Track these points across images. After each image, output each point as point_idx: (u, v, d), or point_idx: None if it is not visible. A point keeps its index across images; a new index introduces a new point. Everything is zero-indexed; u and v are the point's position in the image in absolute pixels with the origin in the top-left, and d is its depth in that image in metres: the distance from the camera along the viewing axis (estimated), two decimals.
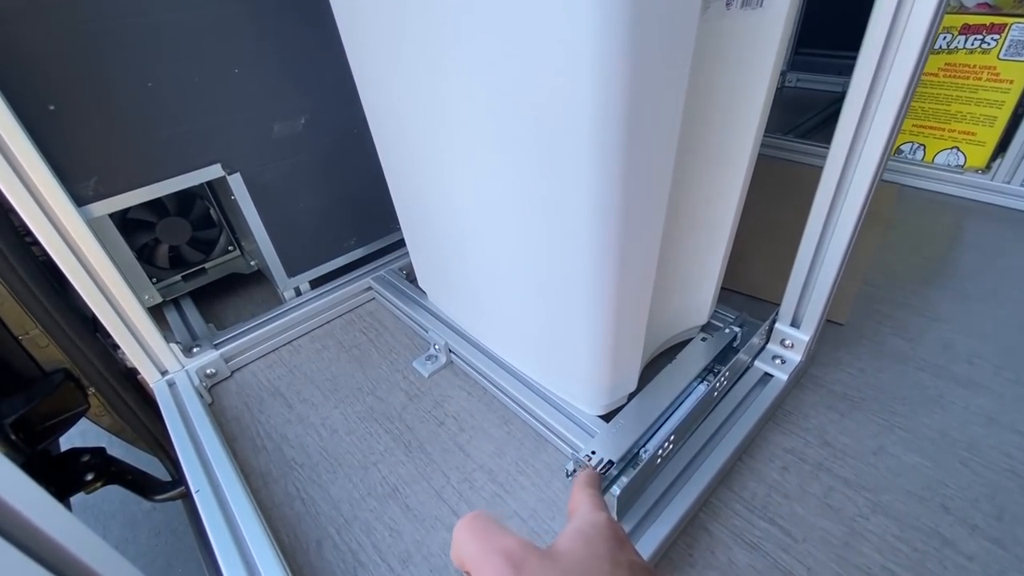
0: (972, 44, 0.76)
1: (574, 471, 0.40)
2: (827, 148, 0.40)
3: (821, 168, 0.42)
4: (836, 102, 1.15)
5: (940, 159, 0.85)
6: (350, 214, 0.68)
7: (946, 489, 0.42)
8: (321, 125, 0.60)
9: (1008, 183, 0.78)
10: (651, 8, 0.25)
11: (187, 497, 0.72)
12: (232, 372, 0.60)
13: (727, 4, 0.31)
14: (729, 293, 0.64)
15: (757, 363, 0.50)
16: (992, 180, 0.79)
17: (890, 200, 0.83)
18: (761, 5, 0.32)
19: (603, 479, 0.38)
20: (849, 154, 0.40)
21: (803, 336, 0.48)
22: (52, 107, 0.44)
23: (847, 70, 0.90)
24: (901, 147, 0.88)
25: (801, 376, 0.52)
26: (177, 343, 0.57)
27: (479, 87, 0.34)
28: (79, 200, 0.48)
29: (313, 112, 0.59)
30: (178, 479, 0.73)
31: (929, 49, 0.34)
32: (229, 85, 0.52)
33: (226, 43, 0.51)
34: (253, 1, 0.51)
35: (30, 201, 0.44)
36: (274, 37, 0.54)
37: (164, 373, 0.57)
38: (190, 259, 0.68)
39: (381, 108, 0.50)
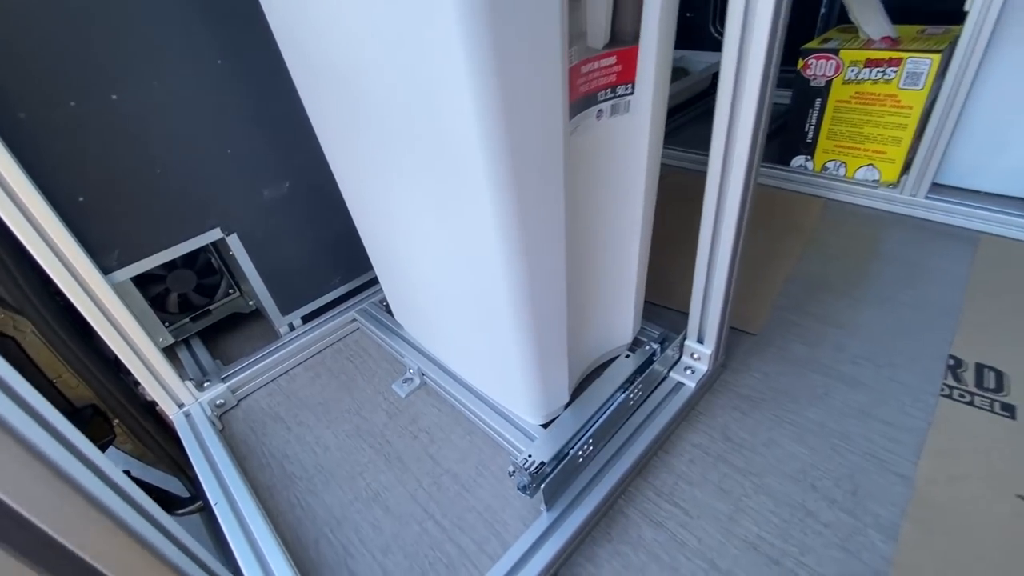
0: (876, 76, 0.86)
1: (513, 472, 0.50)
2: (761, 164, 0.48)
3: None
4: (781, 116, 1.24)
5: (859, 175, 0.95)
6: (333, 257, 0.78)
7: (817, 471, 0.52)
8: (303, 186, 0.70)
9: (914, 196, 0.88)
10: (523, 123, 0.35)
11: (204, 511, 0.82)
12: (238, 401, 0.70)
13: (597, 116, 0.41)
14: (662, 309, 0.74)
15: (672, 374, 0.60)
16: (901, 194, 0.89)
17: (815, 213, 0.94)
18: (628, 111, 0.43)
19: (537, 476, 0.48)
20: (724, 163, 0.45)
21: (706, 350, 0.58)
22: (82, 199, 0.54)
23: (784, 83, 0.99)
24: (827, 164, 0.98)
25: (713, 382, 0.62)
26: (191, 379, 0.67)
27: (409, 163, 0.44)
28: (105, 270, 0.58)
29: (296, 176, 0.69)
30: (196, 495, 0.83)
31: (774, 76, 0.41)
32: (224, 163, 0.62)
33: (221, 129, 0.61)
34: (239, 92, 0.61)
35: (66, 274, 0.54)
36: (259, 119, 0.64)
37: (181, 406, 0.67)
38: (196, 303, 0.78)
39: (344, 177, 0.61)
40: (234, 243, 0.67)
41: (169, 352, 0.79)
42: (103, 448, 0.77)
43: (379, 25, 0.35)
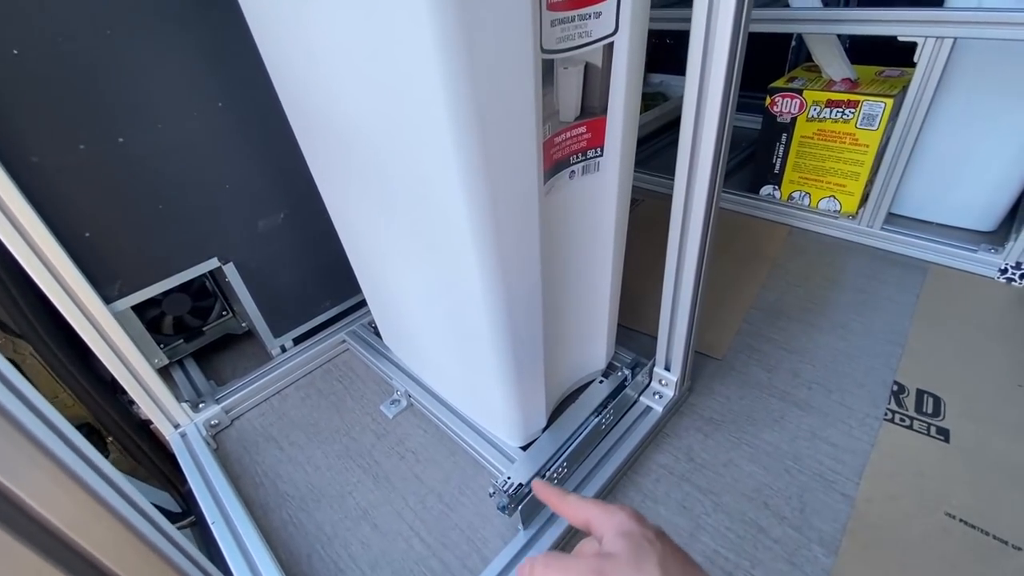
0: (836, 115, 0.92)
1: (493, 493, 0.54)
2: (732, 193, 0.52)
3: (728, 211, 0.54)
4: (755, 142, 1.29)
5: (822, 205, 1.01)
6: (324, 281, 0.82)
7: (769, 491, 0.57)
8: (297, 216, 0.74)
9: (871, 227, 0.94)
10: (503, 191, 0.39)
11: (196, 525, 0.85)
12: (232, 421, 0.73)
13: (569, 176, 0.46)
14: (636, 334, 0.79)
15: (642, 398, 0.65)
16: (859, 224, 0.96)
17: (781, 240, 1.00)
18: (598, 170, 0.47)
19: (515, 498, 0.53)
20: (688, 187, 0.49)
21: (672, 376, 0.63)
22: (87, 234, 0.57)
23: (757, 109, 1.03)
24: (792, 194, 1.05)
25: (680, 406, 0.67)
26: (186, 401, 0.70)
27: (396, 211, 0.48)
28: (107, 299, 0.61)
29: (290, 208, 0.73)
30: (188, 510, 0.86)
31: (732, 109, 0.45)
32: (223, 197, 0.66)
33: (220, 165, 0.65)
34: (238, 131, 0.65)
35: (71, 305, 0.57)
36: (256, 155, 0.67)
37: (177, 426, 0.70)
38: (191, 325, 0.81)
39: (335, 211, 0.65)
40: (230, 271, 0.70)
41: (164, 373, 0.82)
42: None
43: (374, 93, 0.40)
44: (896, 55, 0.88)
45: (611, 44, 0.40)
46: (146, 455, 0.81)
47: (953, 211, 0.94)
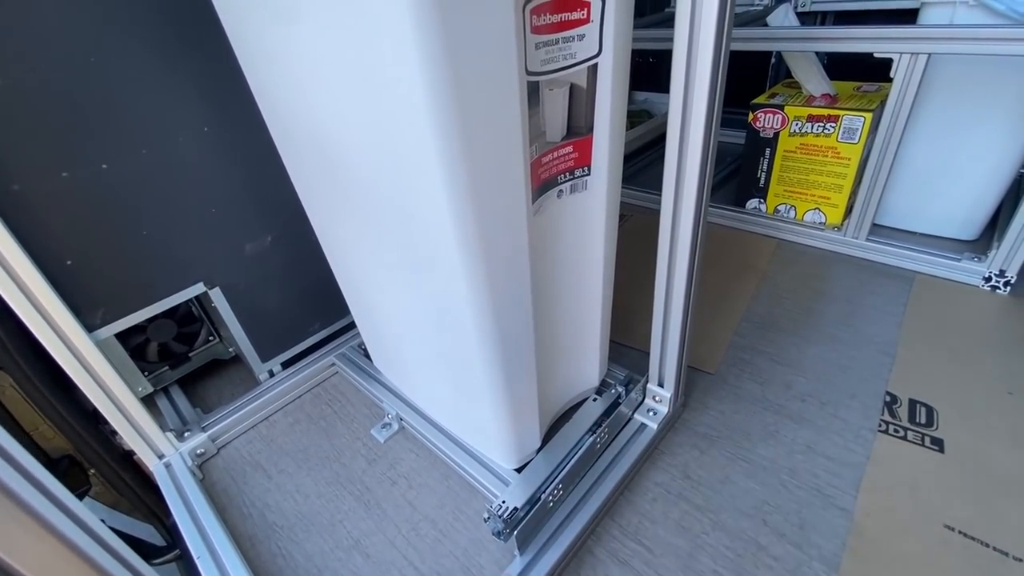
0: (817, 130, 0.94)
1: (488, 518, 0.53)
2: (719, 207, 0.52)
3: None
4: (740, 157, 1.31)
5: (808, 217, 1.02)
6: (312, 303, 0.81)
7: (768, 507, 0.57)
8: (284, 238, 0.73)
9: (856, 238, 0.95)
10: (491, 214, 0.39)
11: (182, 559, 0.82)
12: (218, 449, 0.71)
13: (558, 196, 0.46)
14: (628, 350, 0.79)
15: (636, 415, 0.65)
16: (845, 235, 0.97)
17: (768, 253, 1.01)
18: (586, 188, 0.47)
19: (510, 522, 0.52)
20: (675, 203, 0.49)
21: (666, 392, 0.63)
22: (69, 262, 0.56)
23: (741, 124, 1.04)
24: (778, 207, 1.06)
25: (674, 422, 0.67)
26: (171, 430, 0.68)
27: (384, 237, 0.48)
28: (89, 328, 0.60)
29: (277, 230, 0.72)
30: (173, 544, 0.83)
31: (716, 126, 0.45)
32: (209, 222, 0.65)
33: (206, 190, 0.64)
34: (224, 155, 0.64)
35: (51, 334, 0.56)
36: (243, 179, 0.67)
37: (161, 457, 0.68)
38: (176, 351, 0.79)
39: (323, 234, 0.64)
40: (216, 296, 0.69)
41: (148, 401, 0.80)
42: (79, 498, 0.77)
43: (360, 117, 0.40)
44: (873, 70, 0.90)
45: (595, 65, 0.41)
46: (129, 487, 0.79)
47: (936, 221, 0.95)
